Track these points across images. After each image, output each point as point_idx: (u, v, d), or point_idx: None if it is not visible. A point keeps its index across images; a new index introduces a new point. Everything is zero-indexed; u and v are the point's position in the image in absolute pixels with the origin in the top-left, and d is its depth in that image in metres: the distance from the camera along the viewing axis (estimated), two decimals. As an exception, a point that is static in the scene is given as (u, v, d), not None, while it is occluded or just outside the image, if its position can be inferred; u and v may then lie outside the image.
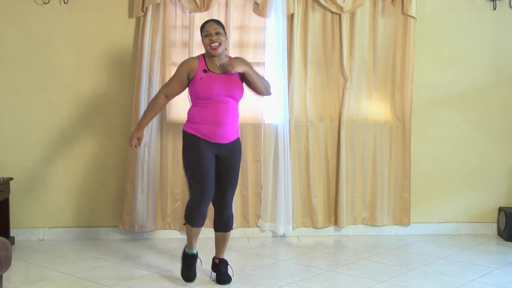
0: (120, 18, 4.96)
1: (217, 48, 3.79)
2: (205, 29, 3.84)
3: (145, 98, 4.87)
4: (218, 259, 4.04)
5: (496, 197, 5.31)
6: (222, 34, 3.83)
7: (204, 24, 3.88)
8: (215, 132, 3.79)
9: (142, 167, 4.90)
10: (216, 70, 3.82)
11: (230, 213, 3.99)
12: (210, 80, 3.78)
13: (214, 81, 3.78)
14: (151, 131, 4.91)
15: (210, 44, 3.79)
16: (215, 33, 3.79)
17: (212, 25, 3.83)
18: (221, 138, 3.81)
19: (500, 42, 5.22)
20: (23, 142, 4.97)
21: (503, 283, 3.99)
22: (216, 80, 3.78)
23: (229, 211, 3.98)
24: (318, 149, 5.11)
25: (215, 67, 3.84)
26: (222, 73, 3.81)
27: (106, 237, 5.05)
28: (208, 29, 3.82)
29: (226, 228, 3.99)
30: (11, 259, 3.29)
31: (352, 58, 5.06)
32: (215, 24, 3.84)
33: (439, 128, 5.25)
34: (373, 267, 4.32)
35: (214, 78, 3.79)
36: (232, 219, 4.02)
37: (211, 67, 3.84)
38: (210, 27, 3.82)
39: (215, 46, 3.79)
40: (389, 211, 5.20)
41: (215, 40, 3.78)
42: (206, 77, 3.79)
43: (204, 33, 3.84)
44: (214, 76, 3.80)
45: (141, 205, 4.93)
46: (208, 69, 3.81)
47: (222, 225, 3.99)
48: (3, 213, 4.69)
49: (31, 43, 4.92)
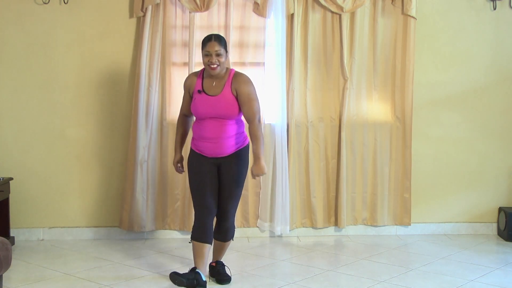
0: (120, 18, 4.96)
1: (215, 69, 3.76)
2: (206, 48, 3.76)
3: (144, 98, 4.87)
4: (214, 262, 4.05)
5: (496, 197, 5.31)
6: (222, 55, 3.77)
7: (206, 42, 3.80)
8: (209, 148, 3.81)
9: (141, 167, 4.90)
10: (209, 91, 3.81)
11: (230, 225, 3.94)
12: (201, 101, 3.80)
13: (204, 103, 3.78)
14: (151, 131, 4.91)
15: (209, 65, 3.76)
16: (216, 55, 3.74)
17: (213, 46, 3.74)
18: (215, 153, 3.81)
19: (500, 42, 5.22)
20: (23, 142, 4.97)
21: (503, 283, 3.99)
22: (206, 102, 3.78)
23: (229, 222, 3.93)
24: (318, 149, 5.11)
25: (210, 86, 3.82)
26: (214, 95, 3.79)
27: (106, 237, 5.05)
28: (209, 49, 3.74)
29: (224, 238, 3.97)
30: (11, 259, 3.29)
31: (352, 58, 5.06)
32: (217, 45, 3.75)
33: (439, 128, 5.25)
34: (373, 267, 4.32)
35: (204, 100, 3.79)
36: (232, 231, 3.98)
37: (206, 86, 3.82)
38: (211, 47, 3.74)
39: (214, 67, 3.75)
40: (389, 211, 5.20)
41: (214, 62, 3.74)
42: (199, 98, 3.81)
43: (204, 52, 3.77)
44: (205, 98, 3.79)
45: (140, 205, 4.93)
46: (202, 90, 3.81)
47: (220, 235, 3.97)
48: (3, 213, 4.69)
49: (31, 43, 4.92)
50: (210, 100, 3.78)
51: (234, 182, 3.86)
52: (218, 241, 4.01)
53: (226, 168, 3.84)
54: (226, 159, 3.83)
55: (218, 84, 3.82)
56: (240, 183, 3.89)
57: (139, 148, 4.88)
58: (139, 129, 4.87)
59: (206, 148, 3.82)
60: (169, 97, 4.95)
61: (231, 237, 4.00)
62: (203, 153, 3.83)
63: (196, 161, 3.87)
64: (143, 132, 4.89)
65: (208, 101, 3.78)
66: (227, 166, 3.84)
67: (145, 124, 4.89)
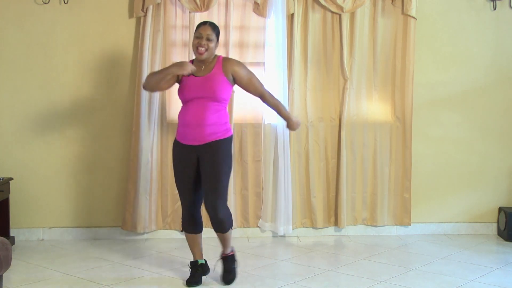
0: (120, 18, 4.96)
1: (202, 53, 3.75)
2: (198, 30, 3.79)
3: (145, 98, 4.87)
4: (224, 255, 4.02)
5: (496, 197, 5.31)
6: (213, 40, 3.77)
7: (200, 26, 3.83)
8: (186, 133, 3.78)
9: (145, 168, 4.89)
10: (197, 73, 3.80)
11: (222, 216, 3.81)
12: (188, 82, 3.80)
13: (189, 84, 3.78)
14: (153, 131, 4.90)
15: (197, 47, 3.76)
16: (206, 38, 3.75)
17: (206, 29, 3.77)
18: (193, 140, 3.77)
19: (500, 42, 5.22)
20: (23, 142, 4.97)
21: (503, 283, 3.99)
22: (191, 83, 3.78)
23: (221, 214, 3.80)
24: (318, 149, 5.11)
25: (198, 70, 3.81)
26: (200, 76, 3.79)
27: (106, 237, 5.05)
28: (201, 31, 3.77)
29: (221, 229, 3.88)
30: (11, 259, 3.29)
31: (352, 58, 5.06)
32: (209, 29, 3.78)
33: (439, 128, 5.25)
34: (373, 267, 4.32)
35: (189, 82, 3.79)
36: (228, 221, 3.87)
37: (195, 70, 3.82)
38: (203, 30, 3.77)
39: (201, 50, 3.75)
40: (389, 211, 5.20)
41: (202, 45, 3.74)
42: (186, 81, 3.81)
43: (196, 33, 3.79)
44: (192, 79, 3.79)
45: (143, 205, 4.92)
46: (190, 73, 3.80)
47: (217, 227, 3.90)
48: (3, 213, 4.69)
49: (31, 43, 4.92)
50: (197, 80, 3.78)
51: (216, 174, 3.76)
52: (217, 232, 3.95)
53: (206, 159, 3.77)
54: (206, 149, 3.76)
55: (207, 68, 3.82)
56: (222, 175, 3.78)
57: (143, 149, 4.87)
58: (141, 129, 4.86)
59: (185, 134, 3.79)
60: (170, 97, 4.95)
61: (229, 227, 3.90)
62: (184, 139, 3.80)
63: (177, 151, 3.88)
64: (146, 132, 4.88)
65: (195, 82, 3.78)
66: (207, 157, 3.77)
67: (147, 125, 4.88)
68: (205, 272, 4.00)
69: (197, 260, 3.99)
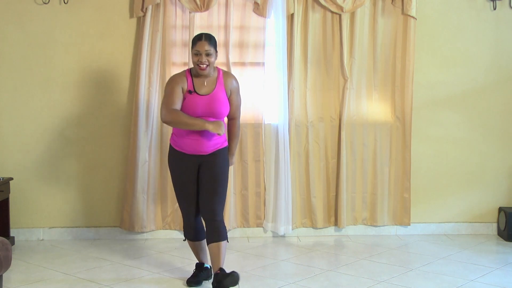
0: (120, 18, 4.96)
1: (204, 69, 3.73)
2: (196, 47, 3.72)
3: (144, 98, 4.87)
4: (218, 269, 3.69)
5: (496, 197, 5.31)
6: (212, 55, 3.73)
7: (196, 41, 3.75)
8: (190, 144, 3.77)
9: (142, 167, 4.90)
10: (201, 90, 3.77)
11: (219, 223, 3.77)
12: (192, 102, 3.74)
13: (196, 103, 3.73)
14: (151, 131, 4.91)
15: (198, 65, 3.73)
16: (205, 55, 3.71)
17: (203, 45, 3.70)
18: (196, 151, 3.78)
19: (500, 42, 5.22)
20: (23, 142, 4.97)
21: (503, 283, 3.99)
22: (198, 102, 3.74)
23: (218, 221, 3.76)
24: (318, 149, 5.11)
25: (201, 86, 3.78)
26: (206, 94, 3.76)
27: (106, 237, 5.05)
28: (199, 48, 3.71)
29: (218, 237, 3.71)
30: (11, 259, 3.29)
31: (352, 58, 5.06)
32: (207, 45, 3.71)
33: (439, 128, 5.25)
34: (373, 267, 4.32)
35: (196, 101, 3.74)
36: (224, 229, 3.78)
37: (197, 84, 3.78)
38: (201, 46, 3.70)
39: (203, 67, 3.72)
40: (389, 211, 5.20)
41: (203, 62, 3.71)
42: (189, 98, 3.75)
43: (194, 51, 3.73)
44: (197, 98, 3.74)
45: (141, 205, 4.93)
46: (194, 90, 3.76)
47: (213, 235, 3.73)
48: (3, 213, 4.69)
49: (31, 43, 4.92)
50: (203, 99, 3.74)
51: (217, 181, 3.78)
52: (213, 244, 3.71)
53: (207, 167, 3.79)
54: (207, 158, 3.79)
55: (209, 83, 3.79)
56: (222, 181, 3.82)
57: (140, 148, 4.88)
58: (139, 129, 4.87)
59: (186, 145, 3.78)
60: (169, 97, 4.94)
61: (225, 237, 3.75)
62: (184, 150, 3.79)
63: (177, 161, 3.84)
64: (144, 132, 4.89)
65: (201, 100, 3.74)
66: (208, 165, 3.79)
67: (146, 124, 4.89)
68: (208, 277, 3.98)
69: (204, 262, 4.00)
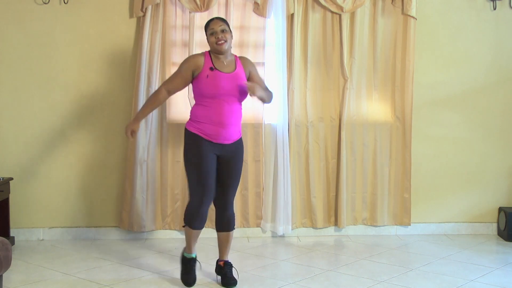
0: (120, 18, 4.96)
1: (223, 44, 3.75)
2: (210, 26, 3.81)
3: (144, 98, 4.86)
4: (222, 262, 4.01)
5: (496, 197, 5.31)
6: (228, 31, 3.80)
7: (208, 22, 3.86)
8: (218, 132, 3.75)
9: (141, 167, 4.90)
10: (222, 69, 3.78)
11: (231, 213, 3.96)
12: (216, 78, 3.73)
13: (221, 79, 3.73)
14: (151, 131, 4.91)
15: (216, 42, 3.75)
16: (221, 31, 3.76)
17: (217, 23, 3.80)
18: (223, 139, 3.77)
19: (500, 42, 5.22)
20: (23, 142, 4.97)
21: (503, 283, 3.99)
22: (223, 78, 3.74)
23: (231, 210, 3.95)
24: (318, 149, 5.11)
25: (221, 65, 3.79)
26: (229, 72, 3.78)
27: (106, 237, 5.05)
28: (213, 26, 3.79)
29: (228, 227, 3.96)
30: (11, 259, 3.29)
31: (352, 58, 5.06)
32: (220, 22, 3.82)
33: (439, 128, 5.25)
34: (373, 267, 4.32)
35: (221, 77, 3.74)
36: (233, 219, 3.98)
37: (217, 64, 3.78)
38: (215, 24, 3.79)
39: (221, 42, 3.75)
40: (389, 211, 5.20)
41: (221, 38, 3.75)
42: (212, 75, 3.73)
43: (209, 31, 3.80)
44: (221, 74, 3.75)
45: (140, 205, 4.93)
46: (214, 67, 3.76)
47: (224, 225, 3.95)
48: (3, 213, 4.69)
49: (31, 43, 4.92)
50: (226, 76, 3.75)
51: (237, 171, 3.87)
52: (223, 233, 3.95)
53: (230, 156, 3.82)
54: (229, 147, 3.81)
55: (229, 63, 3.82)
56: (239, 174, 3.92)
57: (139, 148, 4.88)
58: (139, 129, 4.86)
59: (214, 133, 3.74)
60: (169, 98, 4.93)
61: (234, 226, 3.98)
62: (210, 137, 3.75)
63: (200, 146, 3.76)
64: (143, 132, 4.89)
65: (226, 78, 3.74)
66: (231, 154, 3.82)
67: (144, 124, 4.89)
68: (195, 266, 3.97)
69: (192, 254, 3.96)
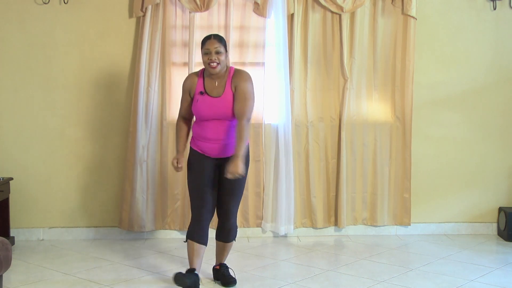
0: (120, 18, 4.96)
1: (215, 68, 3.70)
2: (205, 46, 3.73)
3: (144, 98, 4.87)
4: (218, 265, 4.02)
5: (496, 197, 5.31)
6: (222, 53, 3.72)
7: (205, 40, 3.78)
8: (211, 148, 3.77)
9: (140, 167, 4.90)
10: (212, 92, 3.75)
11: (233, 224, 3.91)
12: (205, 102, 3.74)
13: (207, 105, 3.73)
14: (151, 131, 4.91)
15: (209, 63, 3.71)
16: (215, 52, 3.69)
17: (213, 44, 3.71)
18: (218, 153, 3.78)
19: (500, 42, 5.22)
20: (23, 142, 4.97)
21: (503, 283, 3.99)
22: (209, 104, 3.72)
23: (232, 221, 3.90)
24: (318, 149, 5.11)
25: (212, 87, 3.76)
26: (216, 96, 3.74)
27: (106, 237, 5.05)
28: (209, 47, 3.71)
29: (227, 238, 3.92)
30: (11, 259, 3.30)
31: (352, 58, 5.06)
32: (216, 42, 3.73)
33: (439, 128, 5.25)
34: (373, 267, 4.32)
35: (208, 102, 3.73)
36: (235, 231, 3.92)
37: (208, 86, 3.77)
38: (210, 45, 3.71)
39: (213, 65, 3.69)
40: (389, 211, 5.20)
41: (214, 60, 3.69)
42: (202, 99, 3.75)
43: (204, 50, 3.74)
44: (209, 99, 3.73)
45: (140, 205, 4.93)
46: (204, 91, 3.76)
47: (224, 235, 3.92)
48: (3, 213, 4.69)
49: (31, 43, 4.92)
50: (212, 102, 3.73)
51: (237, 184, 3.80)
52: (221, 242, 3.96)
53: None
54: (229, 159, 3.77)
55: (220, 84, 3.77)
56: (242, 183, 3.85)
57: (139, 148, 4.88)
58: (138, 129, 4.87)
59: (208, 148, 3.78)
60: (169, 97, 4.95)
61: (234, 238, 3.95)
62: (206, 153, 3.80)
63: (197, 161, 3.81)
64: (143, 132, 4.89)
65: (211, 103, 3.73)
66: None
67: (144, 124, 4.89)
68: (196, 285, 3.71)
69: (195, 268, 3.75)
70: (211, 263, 4.17)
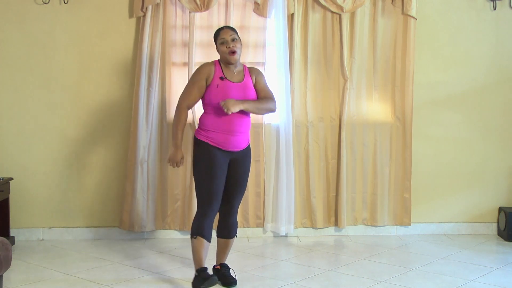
0: (120, 18, 4.96)
1: (235, 54, 3.72)
2: (220, 36, 3.76)
3: (144, 98, 4.87)
4: (219, 265, 4.01)
5: (496, 197, 5.31)
6: (238, 40, 3.77)
7: (219, 31, 3.80)
8: (228, 140, 3.72)
9: (141, 167, 4.90)
10: (232, 78, 3.76)
11: (234, 220, 3.94)
12: (226, 88, 3.71)
13: (230, 89, 3.72)
14: (151, 131, 4.91)
15: (228, 52, 3.71)
16: (231, 40, 3.72)
17: (227, 32, 3.76)
18: (233, 146, 3.75)
19: (500, 42, 5.22)
20: (23, 142, 4.97)
21: (503, 283, 3.99)
22: (232, 88, 3.72)
23: (235, 217, 3.93)
24: (318, 149, 5.11)
25: (231, 75, 3.78)
26: (238, 82, 3.77)
27: (106, 237, 5.05)
28: (224, 36, 3.74)
29: (229, 234, 3.94)
30: (11, 259, 3.29)
31: (352, 58, 5.06)
32: (230, 31, 3.78)
33: (439, 128, 5.25)
34: (373, 267, 4.32)
35: (230, 87, 3.73)
36: (236, 227, 3.97)
37: (227, 74, 3.77)
38: (225, 34, 3.75)
39: (234, 52, 3.71)
40: (389, 211, 5.20)
41: (232, 47, 3.71)
42: (222, 84, 3.72)
43: (219, 40, 3.75)
44: (231, 84, 3.74)
45: (140, 205, 4.93)
46: (225, 77, 3.75)
47: (225, 231, 3.93)
48: (3, 213, 4.69)
49: (31, 43, 4.92)
50: (236, 86, 3.73)
51: (244, 179, 3.86)
52: (223, 239, 3.96)
53: (238, 163, 3.80)
54: (239, 154, 3.79)
55: (238, 72, 3.82)
56: (247, 180, 3.91)
57: (139, 148, 4.88)
58: (139, 129, 4.87)
59: (224, 141, 3.72)
60: (169, 97, 4.95)
61: (235, 234, 3.97)
62: (219, 144, 3.72)
63: (208, 154, 3.72)
64: (143, 132, 4.89)
65: (235, 88, 3.73)
66: (239, 162, 3.80)
67: (145, 124, 4.89)
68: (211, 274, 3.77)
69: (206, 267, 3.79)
70: (211, 262, 4.17)
